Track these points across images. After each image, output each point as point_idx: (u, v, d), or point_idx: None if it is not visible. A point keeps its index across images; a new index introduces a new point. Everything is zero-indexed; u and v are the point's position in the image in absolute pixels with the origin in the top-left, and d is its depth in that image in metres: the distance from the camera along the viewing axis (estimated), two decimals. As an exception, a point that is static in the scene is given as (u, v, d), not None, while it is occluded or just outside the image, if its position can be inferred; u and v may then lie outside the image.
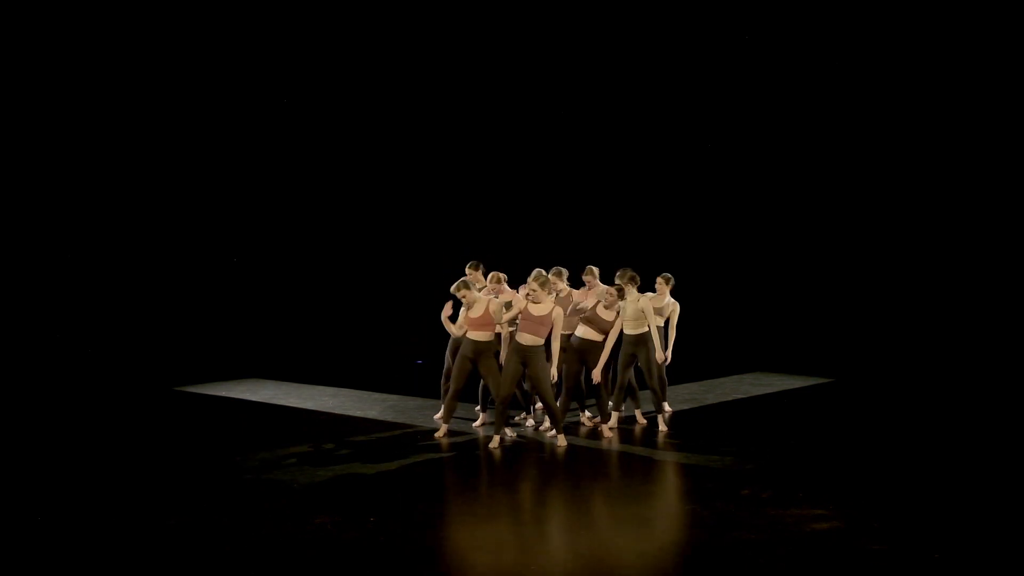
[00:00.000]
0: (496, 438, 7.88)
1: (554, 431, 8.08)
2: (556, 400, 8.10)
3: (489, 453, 7.67)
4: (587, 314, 8.23)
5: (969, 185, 12.60)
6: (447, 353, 8.65)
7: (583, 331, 8.23)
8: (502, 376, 7.79)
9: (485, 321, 7.85)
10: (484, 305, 7.90)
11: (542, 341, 7.69)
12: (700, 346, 13.41)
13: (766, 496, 6.15)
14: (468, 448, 7.88)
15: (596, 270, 8.87)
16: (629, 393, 8.72)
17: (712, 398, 10.30)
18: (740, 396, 10.47)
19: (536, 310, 7.69)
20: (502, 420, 7.91)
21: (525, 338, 7.66)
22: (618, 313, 8.21)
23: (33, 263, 12.03)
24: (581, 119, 14.31)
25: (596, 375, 8.12)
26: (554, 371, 7.83)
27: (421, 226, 14.38)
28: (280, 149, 14.07)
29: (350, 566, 4.96)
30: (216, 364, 12.48)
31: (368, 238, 14.47)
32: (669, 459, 7.42)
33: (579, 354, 8.25)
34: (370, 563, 5.02)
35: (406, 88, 14.20)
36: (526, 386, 8.49)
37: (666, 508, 6.15)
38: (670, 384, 9.68)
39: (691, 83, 13.99)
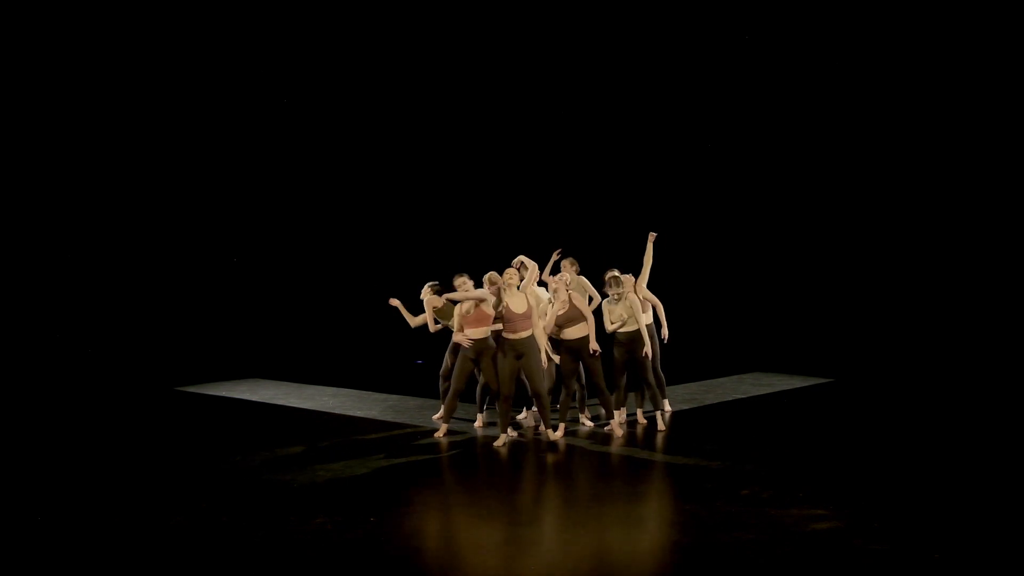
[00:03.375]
0: (502, 437, 7.90)
1: (541, 426, 8.09)
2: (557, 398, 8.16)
3: (489, 453, 7.67)
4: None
5: (969, 185, 12.59)
6: (447, 353, 8.65)
7: (574, 329, 8.12)
8: (500, 375, 7.80)
9: (484, 318, 7.91)
10: (524, 298, 8.00)
11: (531, 332, 7.78)
12: (700, 346, 13.43)
13: (766, 496, 6.15)
14: (468, 448, 7.88)
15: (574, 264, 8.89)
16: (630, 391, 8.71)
17: (712, 398, 10.29)
18: (740, 396, 10.46)
19: (515, 306, 7.74)
20: (506, 419, 7.92)
21: (513, 334, 7.74)
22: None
23: (33, 263, 12.03)
24: (581, 119, 14.30)
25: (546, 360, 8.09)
26: (544, 359, 7.91)
27: (420, 226, 14.39)
28: (280, 149, 14.07)
29: (350, 566, 4.96)
30: (216, 364, 12.48)
31: (368, 238, 14.47)
32: (669, 459, 7.41)
33: (573, 352, 8.18)
34: (370, 563, 5.02)
35: (405, 89, 14.20)
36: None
37: (666, 508, 6.15)
38: (671, 384, 9.68)
39: (691, 83, 13.99)
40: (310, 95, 14.06)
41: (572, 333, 8.07)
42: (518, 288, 7.97)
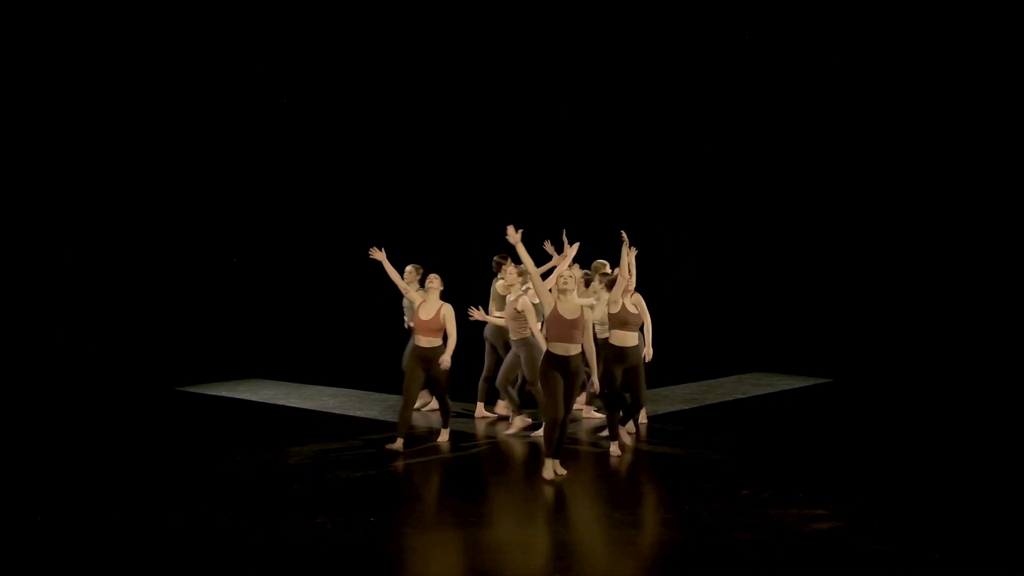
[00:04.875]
0: (549, 465, 6.72)
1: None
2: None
3: (488, 453, 7.67)
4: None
5: (969, 185, 12.59)
6: (486, 354, 8.76)
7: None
8: (547, 397, 6.60)
9: (436, 325, 7.53)
10: (437, 307, 7.58)
11: (580, 347, 6.60)
12: (700, 346, 13.43)
13: (766, 496, 6.15)
14: (468, 449, 7.88)
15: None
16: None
17: (712, 398, 10.29)
18: (740, 396, 10.46)
19: (567, 312, 6.53)
20: (553, 446, 6.68)
21: (559, 347, 6.52)
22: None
23: (33, 263, 12.02)
24: (581, 118, 14.30)
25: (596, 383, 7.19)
26: (596, 379, 6.87)
27: (420, 225, 14.38)
28: (280, 149, 14.07)
29: (350, 566, 4.96)
30: (216, 364, 12.48)
31: (367, 238, 14.45)
32: (669, 459, 7.41)
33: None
34: (370, 563, 5.02)
35: (404, 89, 14.20)
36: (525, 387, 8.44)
37: (666, 508, 6.14)
38: (670, 384, 9.70)
39: (691, 83, 13.99)
40: (310, 95, 14.06)
41: (627, 340, 7.34)
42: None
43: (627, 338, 7.30)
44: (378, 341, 14.12)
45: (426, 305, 7.65)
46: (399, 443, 7.57)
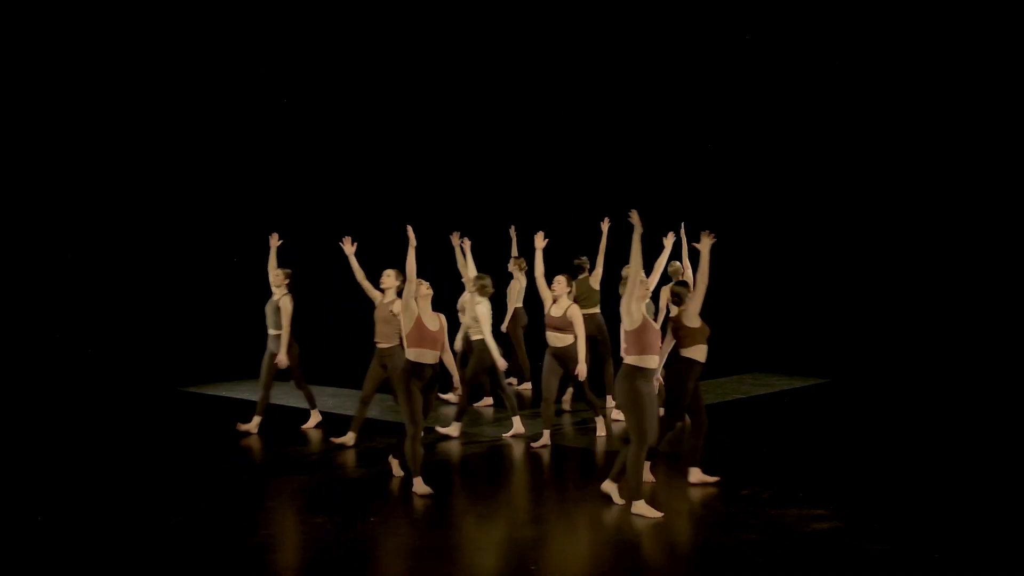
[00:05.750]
0: (648, 509, 5.81)
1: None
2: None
3: (488, 453, 7.68)
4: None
5: (968, 185, 12.59)
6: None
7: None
8: (637, 422, 5.77)
9: (439, 337, 6.42)
10: (438, 316, 6.51)
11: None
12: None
13: (766, 496, 6.15)
14: (468, 449, 7.89)
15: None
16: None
17: (712, 398, 10.28)
18: (740, 396, 10.46)
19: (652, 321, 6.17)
20: (640, 474, 5.92)
21: (648, 360, 5.92)
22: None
23: (34, 263, 12.03)
24: (581, 118, 14.30)
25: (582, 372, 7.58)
26: (583, 367, 7.46)
27: (421, 226, 14.37)
28: (280, 149, 14.07)
29: (350, 566, 4.96)
30: (217, 364, 12.48)
31: (367, 237, 14.45)
32: (669, 459, 7.41)
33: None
34: (370, 563, 5.02)
35: (403, 89, 14.21)
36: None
37: (666, 508, 6.14)
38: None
39: (691, 83, 13.99)
40: (311, 95, 14.06)
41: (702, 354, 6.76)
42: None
43: (704, 352, 6.79)
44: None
45: (427, 314, 6.46)
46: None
